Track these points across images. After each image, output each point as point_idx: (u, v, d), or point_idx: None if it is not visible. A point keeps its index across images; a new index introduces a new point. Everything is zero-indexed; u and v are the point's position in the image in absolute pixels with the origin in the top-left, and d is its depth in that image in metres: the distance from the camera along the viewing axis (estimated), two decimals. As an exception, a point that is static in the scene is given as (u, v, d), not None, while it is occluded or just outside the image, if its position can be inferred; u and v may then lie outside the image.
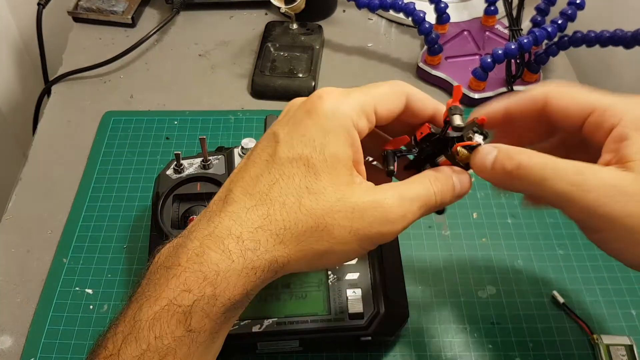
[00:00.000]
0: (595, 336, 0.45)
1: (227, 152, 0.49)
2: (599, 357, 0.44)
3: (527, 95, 0.34)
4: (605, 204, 0.29)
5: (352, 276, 0.43)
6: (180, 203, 0.47)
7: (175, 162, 0.48)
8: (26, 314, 0.48)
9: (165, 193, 0.46)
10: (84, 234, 0.53)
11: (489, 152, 0.32)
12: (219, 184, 0.46)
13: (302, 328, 0.42)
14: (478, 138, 0.33)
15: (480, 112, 0.35)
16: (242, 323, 0.42)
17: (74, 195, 0.56)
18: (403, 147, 0.35)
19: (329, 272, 0.43)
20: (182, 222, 0.46)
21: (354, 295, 0.42)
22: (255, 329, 0.42)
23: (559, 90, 0.33)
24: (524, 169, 0.30)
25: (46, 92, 0.69)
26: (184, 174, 0.48)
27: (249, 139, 0.48)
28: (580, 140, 0.33)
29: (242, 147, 0.48)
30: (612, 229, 0.29)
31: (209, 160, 0.48)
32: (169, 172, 0.48)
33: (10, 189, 0.58)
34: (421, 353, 0.45)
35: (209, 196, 0.45)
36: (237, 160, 0.48)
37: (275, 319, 0.42)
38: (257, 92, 0.66)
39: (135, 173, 0.58)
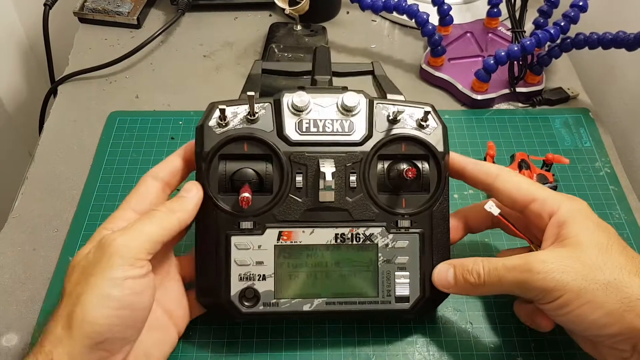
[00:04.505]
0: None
1: (274, 101, 0.43)
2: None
3: (482, 165, 0.44)
4: (552, 278, 0.36)
5: (402, 259, 0.43)
6: (226, 163, 0.42)
7: (220, 115, 0.42)
8: (32, 312, 0.48)
9: (210, 153, 0.42)
10: (90, 233, 0.53)
11: (447, 270, 0.42)
12: (267, 145, 0.42)
13: (350, 309, 0.43)
14: None
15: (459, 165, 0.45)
16: (293, 301, 0.42)
17: (79, 194, 0.57)
18: None
19: (380, 254, 0.43)
20: (229, 186, 0.42)
21: (402, 278, 0.43)
22: (306, 307, 0.42)
23: (508, 174, 0.43)
24: (485, 278, 0.39)
25: (52, 92, 0.70)
26: (229, 127, 0.42)
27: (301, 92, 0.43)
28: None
29: (294, 104, 0.42)
30: (564, 296, 0.36)
31: (256, 112, 0.43)
32: (212, 123, 0.42)
33: (17, 188, 0.59)
34: (424, 352, 0.45)
35: (256, 157, 0.42)
36: (286, 114, 0.42)
37: (325, 298, 0.42)
38: (262, 92, 0.66)
39: (140, 173, 0.58)
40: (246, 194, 0.41)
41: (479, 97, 0.64)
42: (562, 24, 0.61)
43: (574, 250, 0.37)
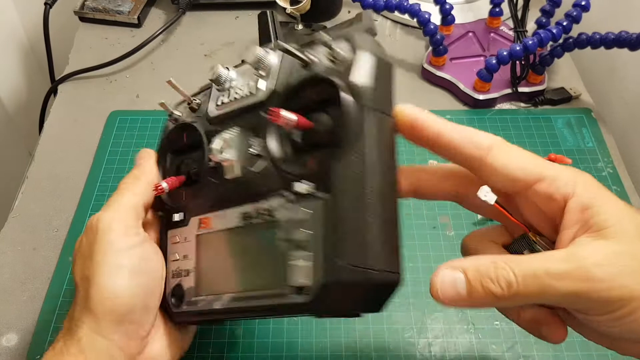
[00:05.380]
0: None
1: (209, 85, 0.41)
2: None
3: (470, 135, 0.31)
4: (620, 285, 0.27)
5: (301, 235, 0.31)
6: (173, 158, 0.42)
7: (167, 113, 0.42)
8: (32, 311, 0.48)
9: (160, 151, 0.42)
10: (89, 233, 0.53)
11: (454, 277, 0.29)
12: (191, 129, 0.40)
13: (253, 305, 0.33)
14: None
15: (409, 116, 0.32)
16: (208, 298, 0.36)
17: (80, 193, 0.57)
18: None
19: (279, 231, 0.32)
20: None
21: (300, 261, 0.30)
22: (217, 305, 0.35)
23: (505, 146, 0.31)
24: (518, 288, 0.28)
25: (52, 91, 0.70)
26: (178, 122, 0.42)
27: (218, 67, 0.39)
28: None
29: (215, 80, 0.39)
30: (630, 303, 0.28)
31: (194, 99, 0.41)
32: (168, 122, 0.43)
33: (17, 188, 0.58)
34: (425, 353, 0.45)
35: (195, 145, 0.40)
36: (213, 93, 0.40)
37: (232, 293, 0.35)
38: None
39: (140, 172, 0.58)
40: (162, 182, 0.38)
41: (481, 97, 0.64)
42: (565, 23, 0.60)
43: (619, 242, 0.28)
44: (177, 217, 0.40)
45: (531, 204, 0.32)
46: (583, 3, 0.60)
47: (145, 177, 0.41)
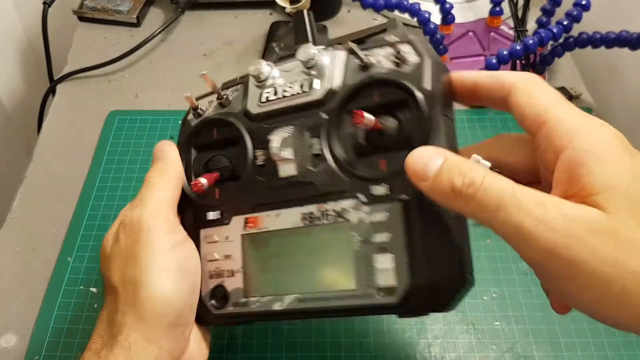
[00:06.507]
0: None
1: (245, 81, 0.40)
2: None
3: (498, 76, 0.31)
4: (572, 246, 0.24)
5: (381, 237, 0.32)
6: (200, 153, 0.40)
7: (190, 107, 0.40)
8: (31, 312, 0.48)
9: (182, 146, 0.40)
10: (88, 233, 0.53)
11: (433, 158, 0.27)
12: (230, 125, 0.38)
13: (325, 306, 0.34)
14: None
15: (453, 75, 0.33)
16: (263, 299, 0.36)
17: (78, 194, 0.56)
18: None
19: (353, 232, 0.33)
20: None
21: (383, 263, 0.32)
22: (277, 306, 0.35)
23: (526, 85, 0.29)
24: (476, 191, 0.26)
25: (51, 91, 0.70)
26: (204, 117, 0.40)
27: (257, 61, 0.38)
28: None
29: (256, 76, 0.38)
30: (577, 277, 0.24)
31: (225, 95, 0.40)
32: (190, 116, 0.41)
33: (16, 188, 0.58)
34: (425, 353, 0.45)
35: (229, 143, 0.39)
36: (251, 89, 0.39)
37: (297, 294, 0.35)
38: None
39: (140, 172, 0.58)
40: (201, 179, 0.37)
41: (481, 96, 0.64)
42: (565, 23, 0.60)
43: (602, 215, 0.24)
44: (212, 215, 0.38)
45: (539, 153, 0.29)
46: (583, 2, 0.60)
47: (173, 171, 0.38)
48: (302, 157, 0.35)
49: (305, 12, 0.41)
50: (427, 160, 0.28)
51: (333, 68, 0.35)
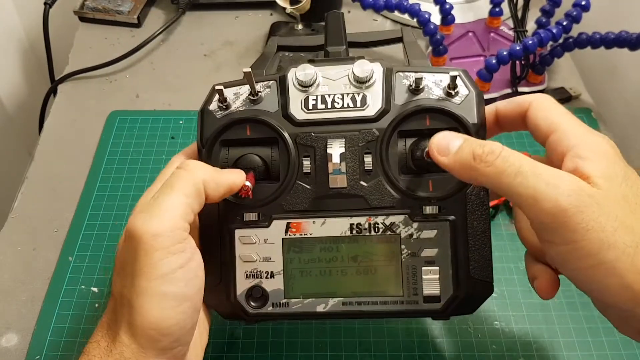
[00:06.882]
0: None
1: (279, 78, 0.39)
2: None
3: (515, 100, 0.36)
4: (582, 211, 0.28)
5: (429, 252, 0.37)
6: (229, 150, 0.39)
7: (218, 97, 0.39)
8: (32, 312, 0.48)
9: (210, 139, 0.38)
10: (89, 233, 0.53)
11: (456, 137, 0.33)
12: (271, 127, 0.38)
13: (370, 310, 0.37)
14: None
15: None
16: (305, 301, 0.38)
17: (79, 194, 0.56)
18: None
19: (402, 245, 0.37)
20: None
21: (430, 274, 0.37)
22: (320, 308, 0.38)
23: (541, 102, 0.35)
24: (496, 158, 0.30)
25: (52, 91, 0.70)
26: (231, 110, 0.39)
27: (304, 66, 0.38)
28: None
29: (299, 79, 0.38)
30: (581, 242, 0.28)
31: (259, 92, 0.39)
32: (213, 107, 0.39)
33: (17, 188, 0.58)
34: (425, 353, 0.45)
35: (260, 142, 0.38)
36: (292, 92, 0.38)
37: (342, 298, 0.37)
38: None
39: (140, 172, 0.58)
40: (247, 182, 0.37)
41: (481, 96, 0.64)
42: (565, 23, 0.60)
43: (598, 191, 0.29)
44: (249, 216, 0.38)
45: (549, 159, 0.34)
46: (583, 3, 0.60)
47: (202, 175, 0.34)
48: (353, 171, 0.37)
49: (340, 13, 0.44)
50: (451, 138, 0.33)
51: (385, 85, 0.38)
